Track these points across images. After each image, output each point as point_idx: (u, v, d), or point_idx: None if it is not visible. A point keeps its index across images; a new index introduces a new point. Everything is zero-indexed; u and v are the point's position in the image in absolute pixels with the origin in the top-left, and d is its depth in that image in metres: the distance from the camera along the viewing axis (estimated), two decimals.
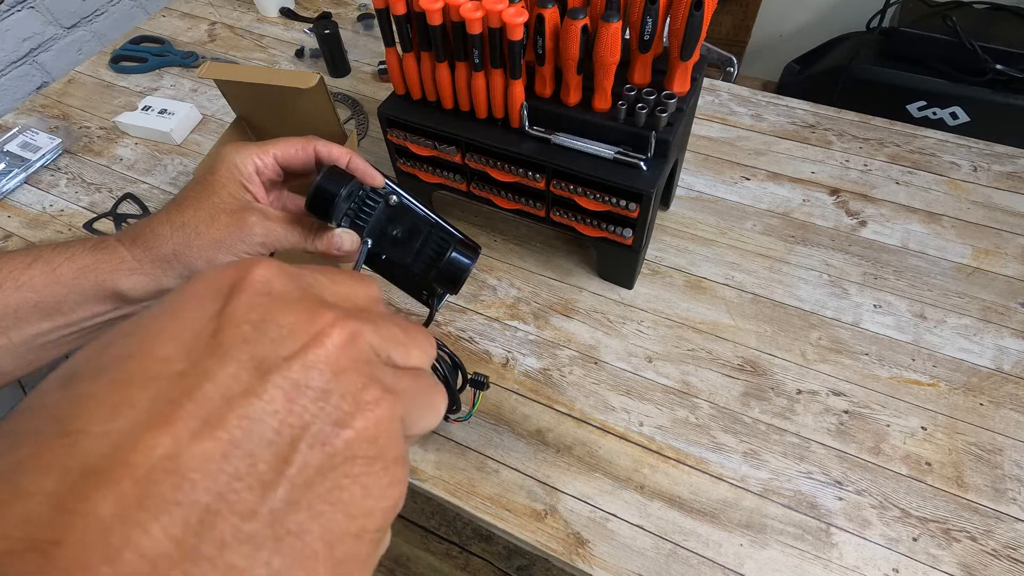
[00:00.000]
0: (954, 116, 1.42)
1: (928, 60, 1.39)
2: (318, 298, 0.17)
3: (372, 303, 0.20)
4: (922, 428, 0.55)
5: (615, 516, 0.52)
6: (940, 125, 1.44)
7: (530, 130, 0.57)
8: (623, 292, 0.66)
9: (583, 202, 0.58)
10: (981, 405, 0.56)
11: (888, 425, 0.55)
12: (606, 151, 0.55)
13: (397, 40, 0.57)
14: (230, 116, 0.79)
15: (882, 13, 1.51)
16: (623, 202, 0.55)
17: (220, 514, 0.13)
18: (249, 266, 0.17)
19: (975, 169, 0.75)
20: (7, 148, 0.84)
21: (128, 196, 0.80)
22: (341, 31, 0.91)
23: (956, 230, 0.69)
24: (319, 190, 0.37)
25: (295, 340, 0.15)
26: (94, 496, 0.12)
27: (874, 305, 0.64)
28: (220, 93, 0.78)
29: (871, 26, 1.56)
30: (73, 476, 0.12)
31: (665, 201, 0.73)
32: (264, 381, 0.14)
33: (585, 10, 0.49)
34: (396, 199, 0.40)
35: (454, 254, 0.39)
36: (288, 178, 0.43)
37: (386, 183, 0.40)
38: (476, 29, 0.50)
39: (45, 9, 1.10)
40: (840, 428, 0.55)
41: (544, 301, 0.66)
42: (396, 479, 0.16)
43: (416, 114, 0.61)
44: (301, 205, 0.43)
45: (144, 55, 1.00)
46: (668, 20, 0.51)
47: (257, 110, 0.72)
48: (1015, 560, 0.48)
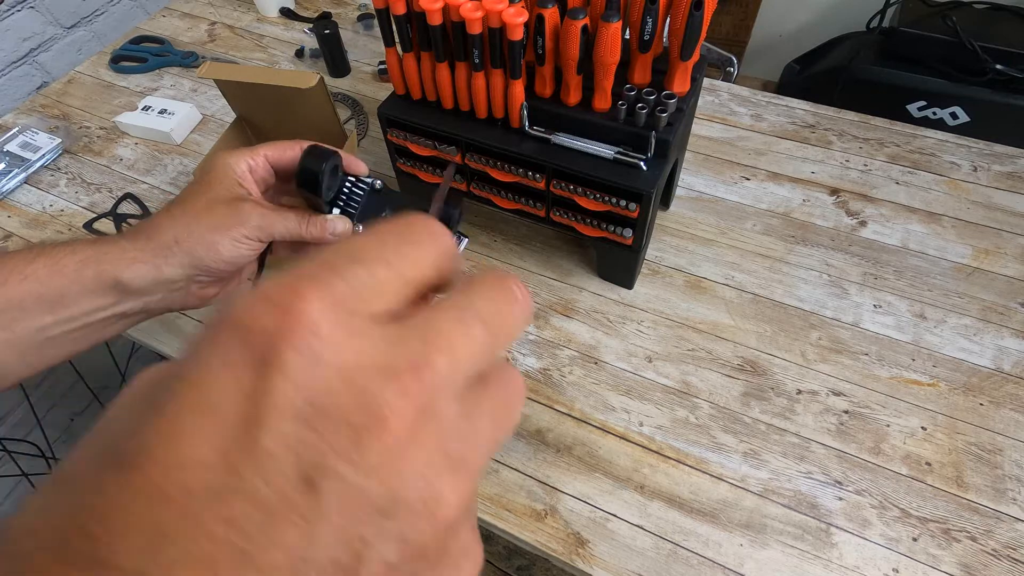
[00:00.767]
0: (954, 116, 1.42)
1: (928, 60, 1.39)
2: (379, 346, 0.13)
3: (444, 260, 0.16)
4: (922, 428, 0.55)
5: (615, 516, 0.52)
6: (940, 125, 1.44)
7: (530, 130, 0.57)
8: (623, 292, 0.66)
9: (583, 202, 0.58)
10: (981, 405, 0.56)
11: (888, 425, 0.55)
12: (606, 151, 0.55)
13: (397, 40, 0.57)
14: (230, 116, 0.79)
15: (882, 13, 1.51)
16: (623, 202, 0.55)
17: None
18: (291, 303, 0.13)
19: (975, 169, 0.75)
20: (7, 148, 0.84)
21: (128, 196, 0.80)
22: (341, 31, 0.91)
23: (956, 230, 0.69)
24: (305, 160, 0.41)
25: (345, 436, 0.12)
26: None
27: (874, 305, 0.64)
28: (220, 93, 0.78)
29: (871, 26, 1.56)
30: None
31: (665, 201, 0.73)
32: (317, 504, 0.12)
33: (585, 10, 0.49)
34: (381, 184, 0.45)
35: None
36: (280, 181, 0.46)
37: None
38: (476, 29, 0.50)
39: (45, 9, 1.10)
40: (840, 428, 0.55)
41: (544, 301, 0.66)
42: (470, 560, 0.14)
43: (416, 114, 0.61)
44: (294, 201, 0.46)
45: (144, 55, 1.00)
46: (668, 20, 0.51)
47: (257, 110, 0.72)
48: (1015, 560, 0.48)
